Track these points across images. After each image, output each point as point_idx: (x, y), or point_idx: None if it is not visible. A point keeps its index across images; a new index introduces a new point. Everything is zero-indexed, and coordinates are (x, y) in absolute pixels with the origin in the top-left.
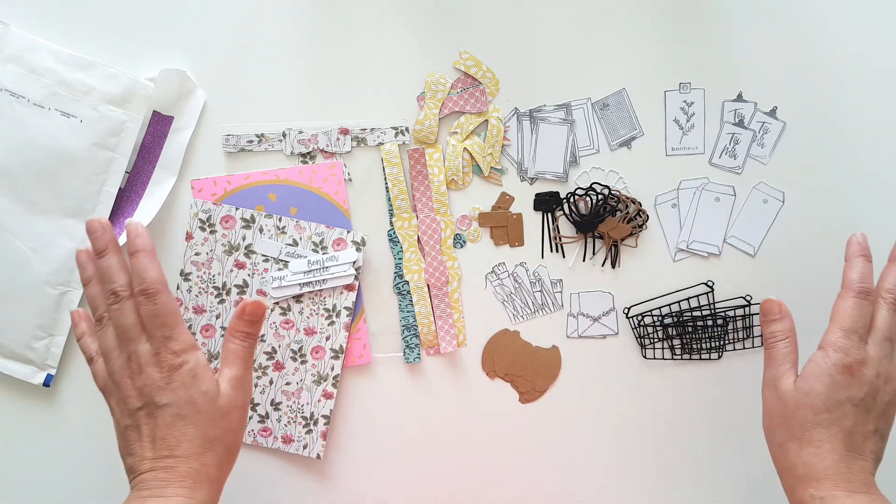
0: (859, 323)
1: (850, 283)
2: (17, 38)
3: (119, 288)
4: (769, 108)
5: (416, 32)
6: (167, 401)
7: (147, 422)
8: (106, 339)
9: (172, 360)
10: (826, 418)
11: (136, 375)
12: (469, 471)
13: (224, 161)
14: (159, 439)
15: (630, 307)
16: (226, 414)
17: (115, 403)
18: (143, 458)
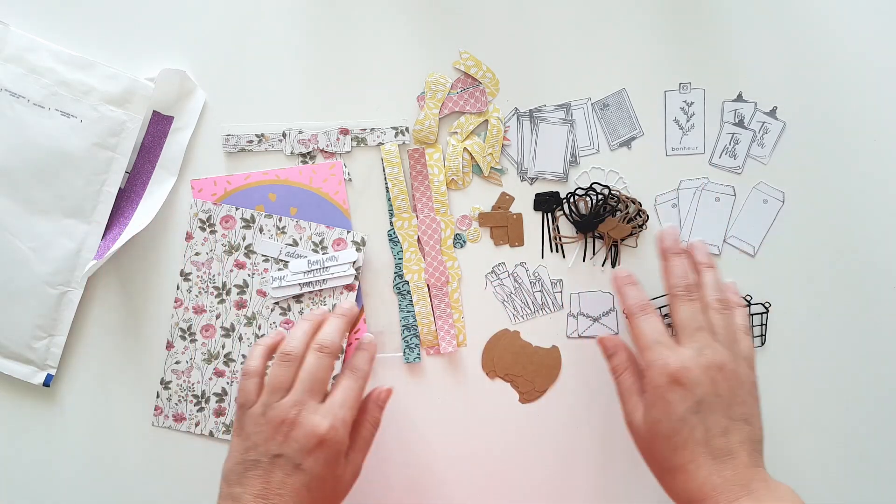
0: (657, 333)
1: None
2: (17, 38)
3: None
4: (769, 108)
5: (416, 32)
6: (307, 468)
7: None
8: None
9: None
10: (678, 440)
11: (294, 425)
12: (469, 471)
13: (224, 161)
14: (276, 493)
15: None
16: (339, 497)
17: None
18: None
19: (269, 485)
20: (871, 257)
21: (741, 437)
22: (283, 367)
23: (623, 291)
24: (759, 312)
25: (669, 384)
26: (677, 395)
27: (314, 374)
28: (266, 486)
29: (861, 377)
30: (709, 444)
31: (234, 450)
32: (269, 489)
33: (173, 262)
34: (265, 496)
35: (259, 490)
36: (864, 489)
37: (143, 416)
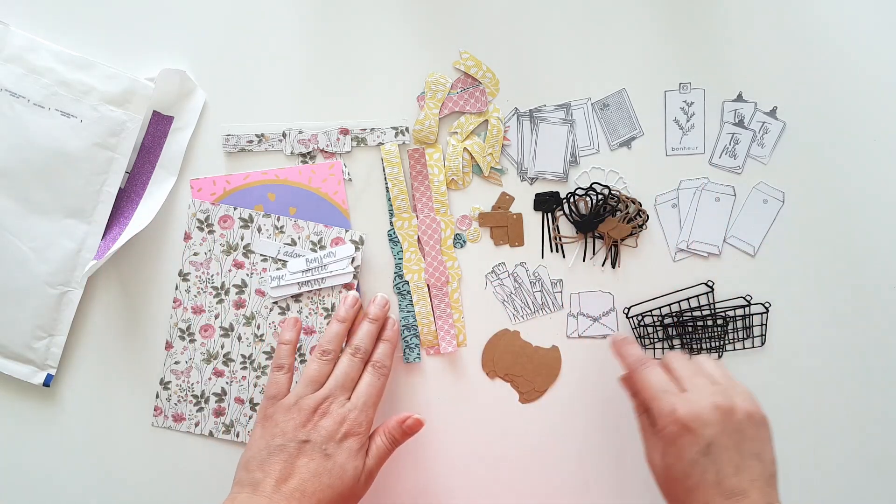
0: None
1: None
2: (17, 38)
3: (363, 350)
4: (769, 108)
5: (416, 32)
6: (331, 453)
7: (301, 455)
8: (322, 370)
9: (357, 428)
10: (691, 483)
11: (323, 414)
12: (469, 471)
13: (224, 161)
14: (298, 478)
15: (630, 307)
16: (352, 497)
17: (284, 419)
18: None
19: (291, 467)
20: (870, 257)
21: (753, 475)
22: (320, 363)
23: (623, 352)
24: (759, 312)
25: (679, 430)
26: (687, 440)
27: (347, 373)
28: (289, 468)
29: (861, 377)
30: (721, 484)
31: (257, 438)
32: (290, 471)
33: (172, 263)
34: (285, 478)
35: (280, 472)
36: (865, 489)
37: (143, 417)
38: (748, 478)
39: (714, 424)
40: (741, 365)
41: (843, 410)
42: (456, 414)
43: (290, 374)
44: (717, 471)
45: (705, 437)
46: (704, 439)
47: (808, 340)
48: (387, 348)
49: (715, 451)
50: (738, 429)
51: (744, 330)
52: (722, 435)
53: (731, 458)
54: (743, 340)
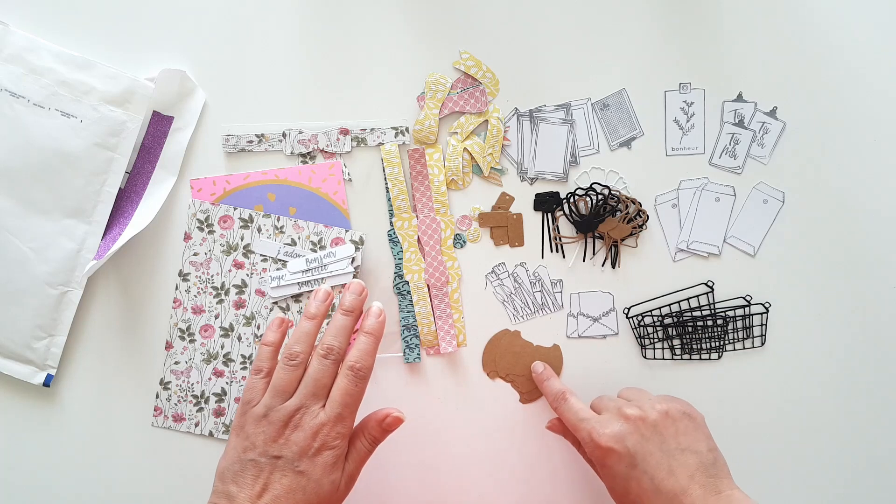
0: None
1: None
2: (17, 38)
3: (337, 349)
4: (769, 108)
5: (416, 32)
6: (304, 469)
7: (273, 472)
8: (291, 377)
9: (332, 440)
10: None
11: (294, 428)
12: (469, 470)
13: (224, 161)
14: (272, 494)
15: (630, 307)
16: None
17: (255, 432)
18: (248, 498)
19: (265, 483)
20: (870, 257)
21: (689, 471)
22: (287, 370)
23: (544, 387)
24: (759, 312)
25: (603, 453)
26: (612, 459)
27: (318, 379)
28: (262, 483)
29: (861, 377)
30: (659, 490)
31: (232, 448)
32: (264, 487)
33: (172, 263)
34: (259, 494)
35: (253, 487)
36: (864, 489)
37: (143, 417)
38: (685, 475)
39: (630, 435)
40: (741, 365)
41: (842, 410)
42: (456, 414)
43: (268, 380)
44: (651, 478)
45: (627, 451)
46: (627, 453)
47: (808, 340)
48: (366, 344)
49: (640, 460)
50: (655, 431)
51: (744, 330)
52: (641, 443)
53: (658, 462)
54: (743, 340)
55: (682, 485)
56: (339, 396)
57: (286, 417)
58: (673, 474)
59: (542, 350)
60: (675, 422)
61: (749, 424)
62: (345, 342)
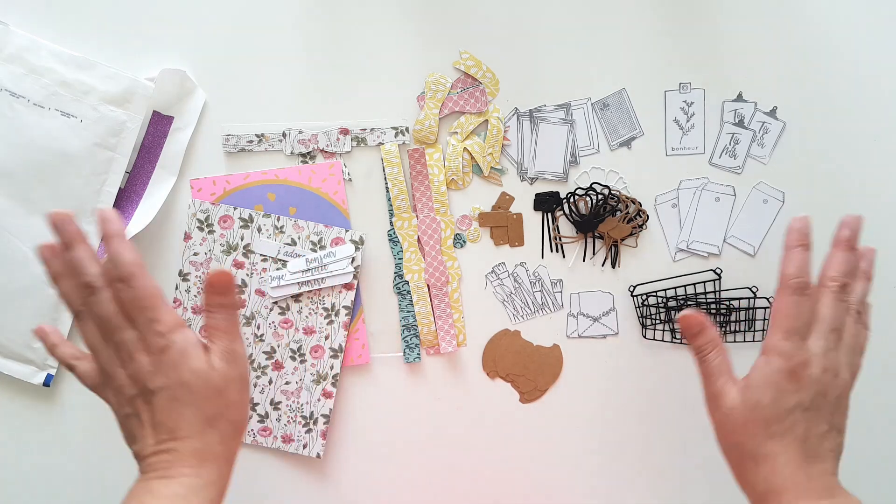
0: (799, 321)
1: (787, 278)
2: (17, 38)
3: (92, 279)
4: (769, 108)
5: (416, 32)
6: (160, 384)
7: (145, 408)
8: (88, 333)
9: (159, 342)
10: (777, 429)
11: (126, 364)
12: (470, 471)
13: (224, 161)
14: (158, 423)
15: (635, 286)
16: (222, 389)
17: (112, 395)
18: (145, 443)
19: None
20: None
21: (832, 445)
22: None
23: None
24: (763, 307)
25: (787, 374)
26: (791, 387)
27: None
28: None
29: (861, 377)
30: (806, 442)
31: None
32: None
33: (172, 262)
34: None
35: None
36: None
37: None
38: (829, 447)
39: (820, 385)
40: (740, 356)
41: None
42: (456, 414)
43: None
44: (807, 429)
45: (809, 393)
46: (808, 395)
47: None
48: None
49: (813, 409)
50: (836, 397)
51: (746, 322)
52: (821, 398)
53: (820, 423)
54: (744, 332)
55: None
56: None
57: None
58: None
59: (543, 350)
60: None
61: None
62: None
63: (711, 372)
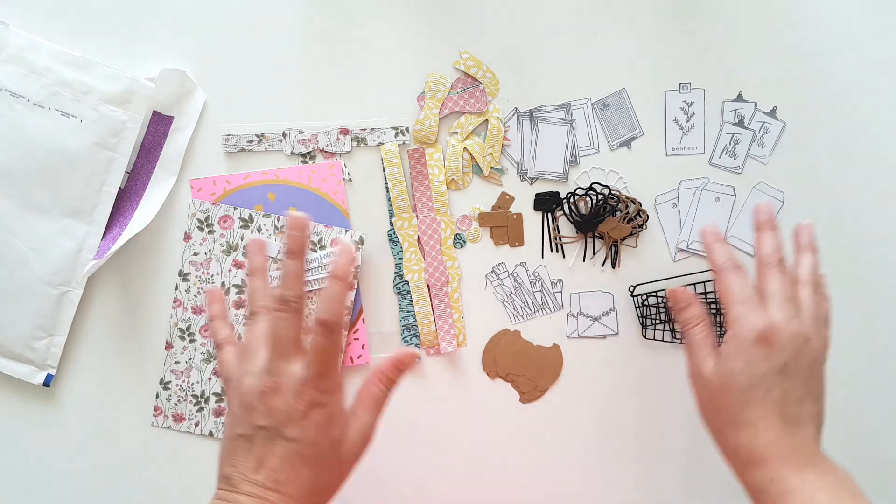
0: (747, 292)
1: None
2: (17, 38)
3: (293, 297)
4: (769, 108)
5: (416, 32)
6: (295, 435)
7: (263, 444)
8: (254, 335)
9: (317, 397)
10: (753, 396)
11: (271, 392)
12: (470, 471)
13: (224, 161)
14: (269, 468)
15: (636, 286)
16: (344, 463)
17: (237, 405)
18: (245, 476)
19: (259, 460)
20: (870, 257)
21: (811, 411)
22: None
23: (713, 248)
24: None
25: (756, 340)
26: (762, 352)
27: (279, 336)
28: (257, 461)
29: (861, 377)
30: (784, 407)
31: (225, 427)
32: (259, 463)
33: (172, 263)
34: (255, 470)
35: (247, 465)
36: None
37: (143, 417)
38: (808, 412)
39: (790, 350)
40: None
41: (842, 409)
42: (456, 414)
43: (234, 349)
44: (784, 393)
45: (781, 357)
46: (780, 358)
47: None
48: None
49: (787, 373)
50: (809, 364)
51: None
52: (794, 363)
53: (796, 387)
54: None
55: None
56: (313, 354)
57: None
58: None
59: (543, 350)
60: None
61: None
62: (299, 288)
63: (694, 345)
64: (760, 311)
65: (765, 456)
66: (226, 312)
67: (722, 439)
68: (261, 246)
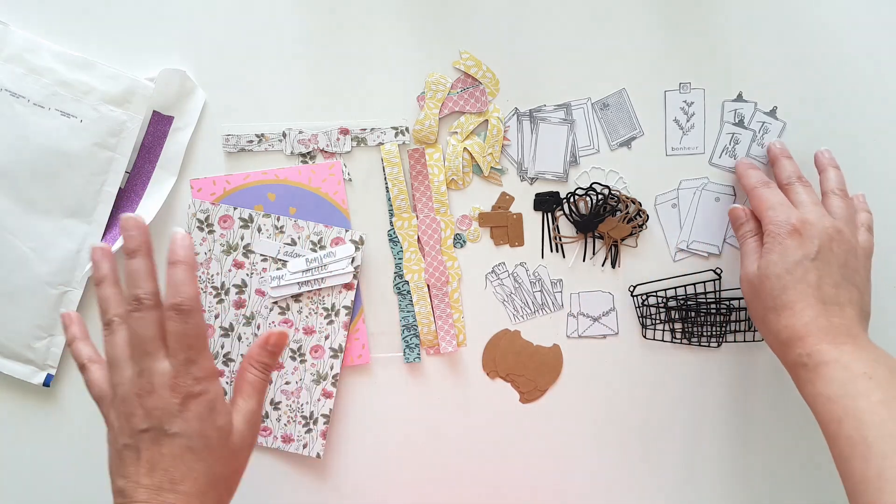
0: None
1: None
2: (17, 38)
3: (144, 295)
4: (769, 108)
5: (416, 32)
6: (178, 430)
7: (149, 447)
8: (115, 345)
9: (192, 386)
10: (789, 280)
11: (146, 394)
12: (470, 471)
13: (224, 161)
14: (161, 469)
15: (636, 286)
16: (237, 453)
17: (115, 417)
18: (138, 483)
19: (150, 465)
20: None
21: (851, 297)
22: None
23: (745, 173)
24: None
25: (789, 233)
26: (795, 242)
27: (140, 335)
28: (147, 467)
29: None
30: (820, 288)
31: (109, 445)
32: (152, 469)
33: None
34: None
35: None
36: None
37: None
38: (846, 297)
39: (823, 240)
40: (739, 356)
41: None
42: (456, 414)
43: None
44: (819, 276)
45: (814, 245)
46: (813, 245)
47: None
48: (178, 275)
49: (820, 258)
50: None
51: (746, 322)
52: (827, 252)
53: (832, 272)
54: (744, 332)
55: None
56: (174, 342)
57: (133, 388)
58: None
59: (543, 350)
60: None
61: (743, 413)
62: (150, 285)
63: (747, 252)
64: (792, 209)
65: (803, 333)
66: (86, 332)
67: (765, 328)
68: (105, 252)
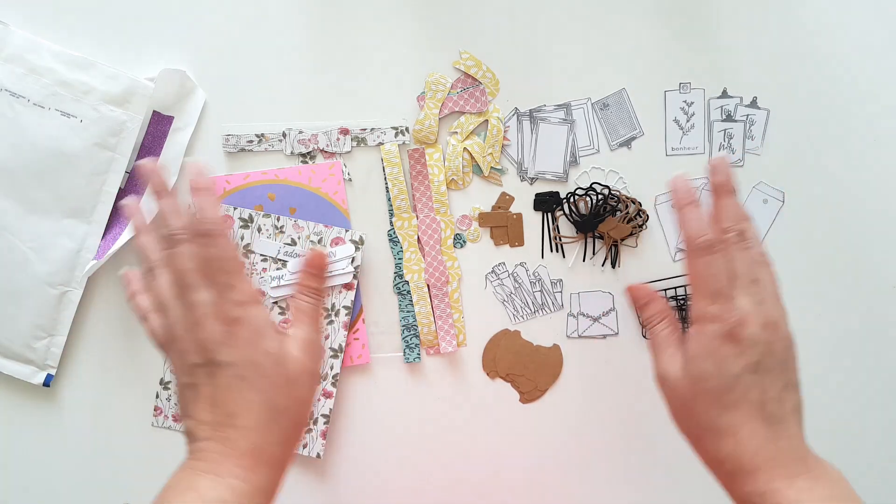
0: (720, 281)
1: (692, 239)
2: (17, 38)
3: (175, 231)
4: (749, 101)
5: (416, 32)
6: (228, 359)
7: (206, 381)
8: (160, 288)
9: (234, 311)
10: (730, 399)
11: (195, 328)
12: (470, 471)
13: (224, 161)
14: (218, 402)
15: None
16: (294, 380)
17: (175, 358)
18: (201, 421)
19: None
20: (871, 257)
21: (792, 405)
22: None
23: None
24: None
25: (725, 338)
26: (733, 351)
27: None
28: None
29: (861, 377)
30: (764, 408)
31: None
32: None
33: None
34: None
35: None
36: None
37: (143, 417)
38: (789, 407)
39: (762, 344)
40: None
41: (842, 410)
42: (456, 414)
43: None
44: (762, 391)
45: (754, 354)
46: (754, 356)
47: (808, 340)
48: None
49: (762, 370)
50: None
51: None
52: (769, 356)
53: (773, 383)
54: None
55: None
56: (209, 268)
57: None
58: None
59: (543, 350)
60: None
61: None
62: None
63: (659, 344)
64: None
65: (752, 467)
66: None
67: (701, 448)
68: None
